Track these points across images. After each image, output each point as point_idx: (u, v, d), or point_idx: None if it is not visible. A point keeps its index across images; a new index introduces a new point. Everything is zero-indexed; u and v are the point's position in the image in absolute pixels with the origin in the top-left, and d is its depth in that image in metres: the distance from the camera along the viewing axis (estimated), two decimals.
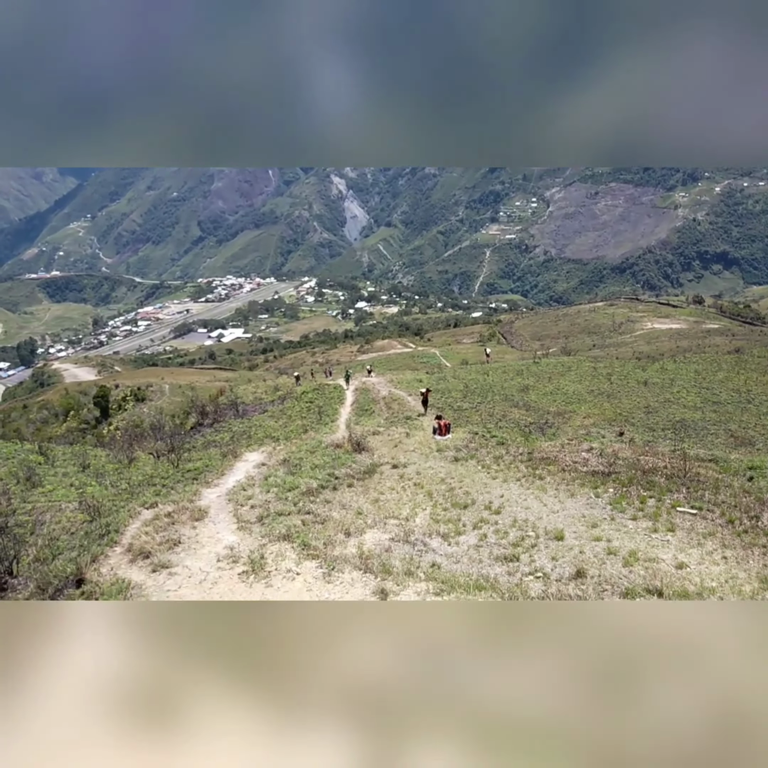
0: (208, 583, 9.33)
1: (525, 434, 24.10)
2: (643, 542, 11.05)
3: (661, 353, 47.02)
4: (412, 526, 12.21)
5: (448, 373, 44.70)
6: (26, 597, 10.35)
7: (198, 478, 16.41)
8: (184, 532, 11.55)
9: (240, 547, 10.62)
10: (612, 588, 8.86)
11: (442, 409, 30.31)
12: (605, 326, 79.29)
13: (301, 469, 16.23)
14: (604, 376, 39.69)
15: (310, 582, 9.16)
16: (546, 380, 39.51)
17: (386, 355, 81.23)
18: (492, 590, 8.31)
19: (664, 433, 28.75)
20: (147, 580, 9.51)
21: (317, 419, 29.85)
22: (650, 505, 12.78)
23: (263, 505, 13.20)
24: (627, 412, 32.55)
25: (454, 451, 18.39)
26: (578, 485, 14.45)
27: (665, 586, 8.57)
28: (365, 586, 8.81)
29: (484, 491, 14.52)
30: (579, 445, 18.13)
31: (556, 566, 10.18)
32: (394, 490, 14.87)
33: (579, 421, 31.27)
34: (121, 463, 21.47)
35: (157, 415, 43.72)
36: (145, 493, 15.12)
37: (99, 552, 10.71)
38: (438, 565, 9.98)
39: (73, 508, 15.11)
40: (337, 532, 11.53)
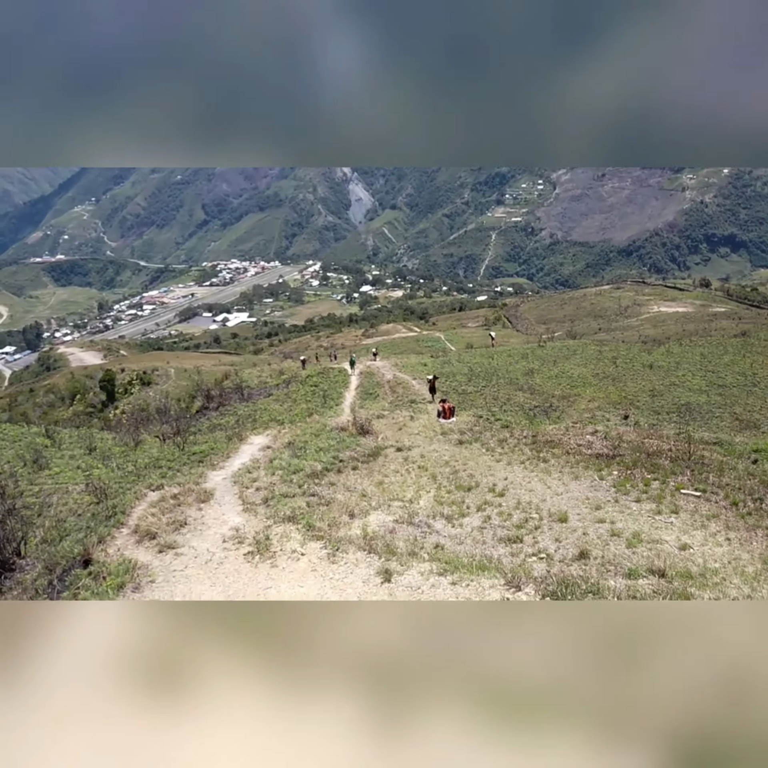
0: (214, 564, 9.41)
1: (529, 417, 24.12)
2: (646, 524, 11.09)
3: (667, 337, 46.84)
4: (416, 508, 12.27)
5: (452, 357, 44.66)
6: (34, 578, 10.47)
7: (203, 461, 16.50)
8: (190, 513, 11.65)
9: (245, 529, 10.70)
10: (615, 569, 8.91)
11: (446, 392, 30.32)
12: (611, 310, 78.96)
13: (306, 452, 16.29)
14: (610, 360, 39.59)
15: (315, 562, 9.23)
16: (551, 364, 39.44)
17: (391, 339, 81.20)
18: (495, 571, 8.36)
19: (669, 417, 28.72)
20: (153, 560, 9.61)
21: (322, 403, 29.92)
22: (654, 488, 12.80)
23: (268, 487, 13.28)
24: (632, 396, 32.50)
25: (458, 434, 18.42)
26: (582, 468, 14.48)
27: (668, 567, 8.60)
28: (369, 566, 8.87)
29: (488, 474, 14.57)
30: (583, 428, 18.14)
31: (559, 547, 10.23)
32: (398, 473, 14.93)
33: (584, 405, 31.26)
34: (127, 446, 21.61)
35: (163, 398, 43.90)
36: (151, 475, 15.23)
37: (106, 533, 10.81)
38: (442, 546, 10.04)
39: (79, 490, 15.25)
40: (341, 513, 11.59)
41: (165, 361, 78.65)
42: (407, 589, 8.05)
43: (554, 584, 7.59)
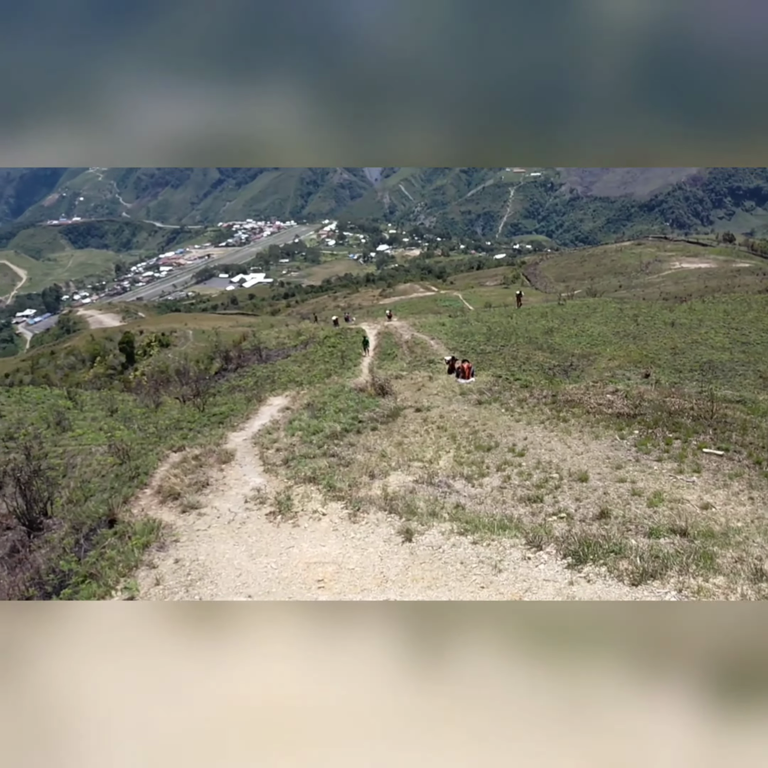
0: (237, 523, 9.54)
1: (549, 377, 23.95)
2: (668, 483, 11.03)
3: (689, 293, 46.04)
4: (436, 469, 12.29)
5: (471, 316, 44.26)
6: (61, 537, 10.72)
7: (224, 422, 16.61)
8: (212, 474, 11.77)
9: (267, 489, 10.80)
10: (636, 528, 8.89)
11: (465, 352, 30.14)
12: (632, 266, 77.60)
13: (325, 413, 16.32)
14: (630, 318, 38.99)
15: (336, 522, 9.31)
16: (571, 322, 38.95)
17: (408, 299, 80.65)
18: (516, 530, 8.37)
19: (691, 375, 28.37)
20: (177, 520, 9.75)
21: (340, 363, 29.90)
22: (676, 447, 12.70)
23: (288, 448, 13.36)
24: (653, 354, 32.08)
25: (477, 395, 18.34)
26: (603, 427, 14.38)
27: (690, 526, 8.57)
28: (390, 525, 8.93)
29: (508, 434, 14.52)
30: (604, 388, 17.97)
31: (579, 507, 10.22)
32: (417, 434, 14.94)
33: (604, 364, 30.94)
34: (148, 408, 21.84)
35: (182, 360, 44.14)
36: (172, 436, 15.38)
37: (130, 493, 10.98)
38: (462, 506, 10.07)
39: (102, 452, 15.47)
40: (361, 474, 11.65)
41: (183, 323, 78.86)
42: (428, 549, 8.10)
43: (575, 544, 7.59)
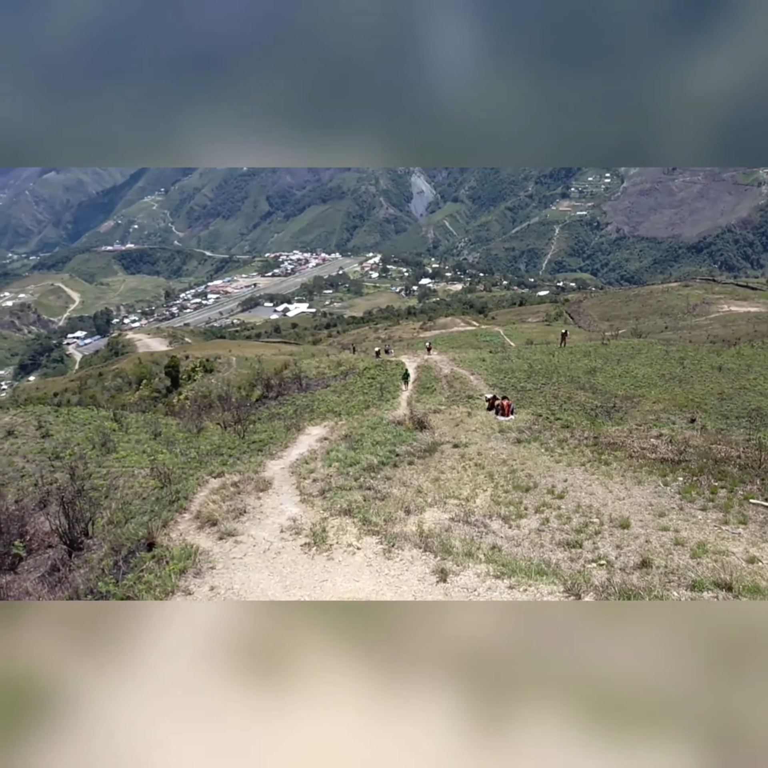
0: (272, 553, 9.57)
1: (591, 418, 23.58)
2: (712, 534, 10.69)
3: (738, 337, 44.98)
4: (473, 507, 12.17)
5: (512, 353, 44.03)
6: (100, 557, 10.88)
7: (263, 450, 16.79)
8: (249, 501, 11.87)
9: (302, 520, 10.84)
10: (678, 580, 8.62)
11: (505, 389, 29.95)
12: (679, 308, 76.31)
13: (363, 445, 16.37)
14: (677, 360, 38.26)
15: (371, 557, 9.27)
16: (614, 362, 38.41)
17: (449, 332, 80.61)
18: (554, 576, 8.20)
19: (738, 421, 27.57)
20: (214, 546, 9.84)
21: (379, 395, 30.00)
22: (721, 496, 12.33)
23: (325, 479, 13.41)
24: (699, 398, 31.34)
25: (516, 433, 18.17)
26: (646, 472, 14.06)
27: (735, 580, 8.26)
28: (425, 564, 8.84)
29: (547, 475, 14.32)
30: (648, 431, 17.61)
31: (620, 554, 9.97)
32: (454, 470, 14.84)
33: (648, 406, 30.33)
34: (190, 432, 22.19)
35: (225, 386, 44.90)
36: (212, 462, 15.60)
37: (169, 517, 11.13)
38: (498, 548, 9.92)
39: (145, 474, 15.74)
40: (397, 509, 11.60)
41: (227, 350, 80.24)
42: (463, 591, 7.98)
43: (615, 593, 7.40)
